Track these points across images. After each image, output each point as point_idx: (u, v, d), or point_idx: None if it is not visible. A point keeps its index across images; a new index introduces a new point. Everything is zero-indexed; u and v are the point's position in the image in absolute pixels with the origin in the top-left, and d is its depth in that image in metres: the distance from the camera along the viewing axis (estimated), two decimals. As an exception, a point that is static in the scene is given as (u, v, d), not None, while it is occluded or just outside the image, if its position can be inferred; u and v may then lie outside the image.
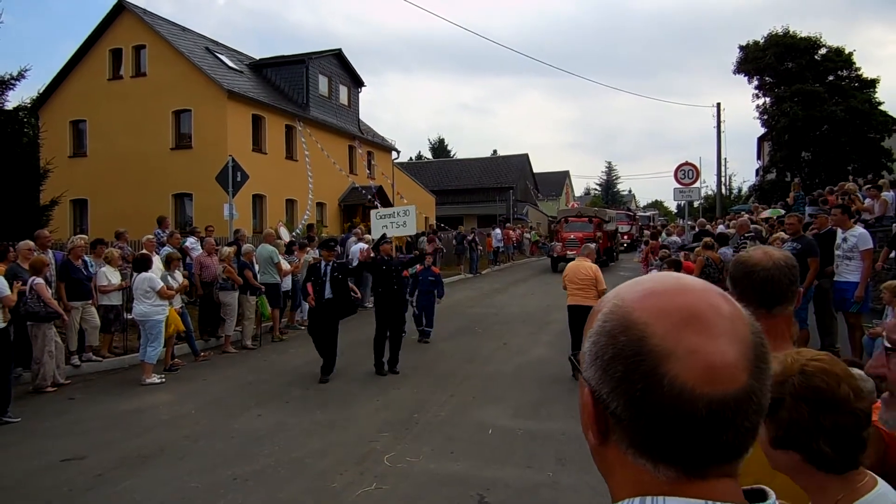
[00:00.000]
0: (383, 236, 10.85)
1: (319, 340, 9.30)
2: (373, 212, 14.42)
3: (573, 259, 23.94)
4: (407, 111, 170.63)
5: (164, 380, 9.22)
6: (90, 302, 9.89)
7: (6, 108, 15.71)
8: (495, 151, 65.65)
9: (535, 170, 55.60)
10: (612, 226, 30.77)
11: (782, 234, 9.81)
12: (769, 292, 1.86)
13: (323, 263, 9.60)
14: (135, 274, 9.64)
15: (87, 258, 10.25)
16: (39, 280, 8.47)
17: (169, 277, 10.00)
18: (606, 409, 0.73)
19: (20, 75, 15.58)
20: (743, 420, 0.70)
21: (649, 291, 0.77)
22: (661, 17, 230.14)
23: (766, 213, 13.96)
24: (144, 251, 10.38)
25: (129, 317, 10.30)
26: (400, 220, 13.31)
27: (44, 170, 16.26)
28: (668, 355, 0.69)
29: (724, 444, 0.70)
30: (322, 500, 5.14)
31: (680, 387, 0.68)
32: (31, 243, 9.27)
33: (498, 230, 30.11)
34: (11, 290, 7.79)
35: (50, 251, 10.22)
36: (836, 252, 8.11)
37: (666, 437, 0.70)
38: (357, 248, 15.79)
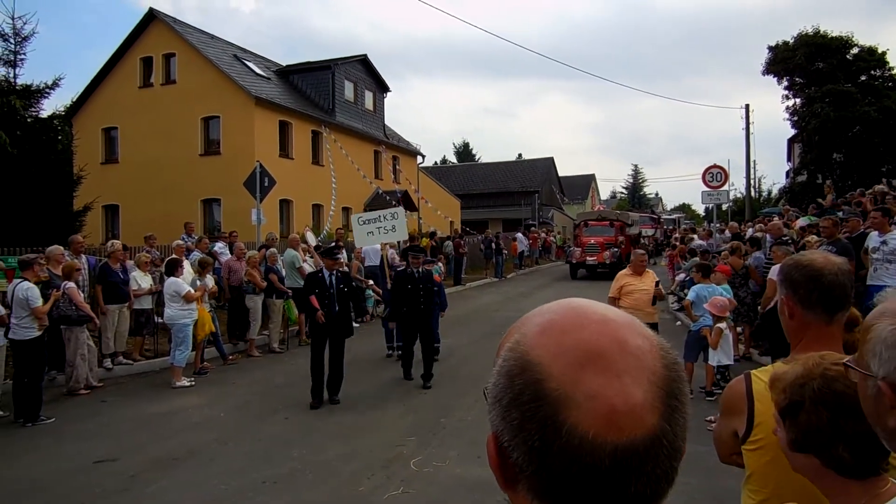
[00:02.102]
0: (414, 246, 9.91)
1: (320, 360, 8.23)
2: (353, 216, 12.62)
3: (593, 265, 23.60)
4: (430, 115, 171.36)
5: (193, 383, 9.34)
6: (126, 305, 10.09)
7: (41, 116, 16.10)
8: (520, 155, 65.54)
9: (561, 173, 55.36)
10: (635, 229, 29.38)
11: (813, 237, 9.64)
12: (836, 297, 1.80)
13: (327, 273, 8.59)
14: (165, 278, 9.80)
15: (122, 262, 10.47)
16: (71, 284, 8.65)
17: (199, 282, 10.15)
18: (509, 457, 0.67)
19: (54, 84, 15.95)
20: (654, 467, 0.63)
21: (548, 325, 0.70)
22: (682, 20, 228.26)
23: (801, 223, 13.66)
24: (174, 255, 10.54)
25: (160, 320, 10.47)
26: (388, 225, 11.79)
27: (77, 176, 16.60)
28: (567, 401, 0.62)
29: (634, 495, 0.63)
30: (349, 504, 5.16)
31: (580, 436, 0.61)
32: (61, 248, 9.46)
33: (519, 234, 29.92)
34: (49, 299, 7.99)
35: (83, 256, 10.43)
36: (874, 255, 7.95)
37: (570, 490, 0.63)
38: (372, 249, 15.63)
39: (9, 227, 13.03)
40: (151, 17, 24.06)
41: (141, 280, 10.37)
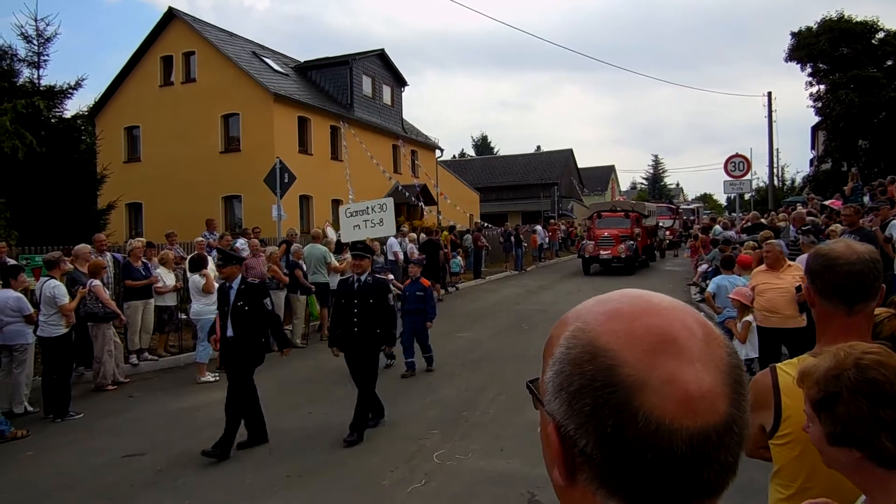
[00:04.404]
0: (358, 245, 7.81)
1: (229, 398, 6.38)
2: (341, 208, 11.76)
3: (607, 259, 22.87)
4: (447, 109, 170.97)
5: (217, 378, 9.43)
6: (151, 300, 10.24)
7: (64, 116, 16.33)
8: (539, 147, 65.27)
9: (580, 165, 55.01)
10: (652, 221, 27.25)
11: (837, 226, 9.49)
12: (852, 288, 1.74)
13: (226, 285, 6.71)
14: (189, 274, 9.92)
15: (145, 260, 10.63)
16: (97, 282, 8.79)
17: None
18: (574, 446, 0.65)
19: (77, 85, 16.17)
20: (726, 454, 0.63)
21: (614, 312, 0.69)
22: (699, 8, 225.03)
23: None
24: (201, 252, 10.66)
25: (184, 317, 10.61)
26: (375, 218, 11.01)
27: (100, 175, 16.84)
28: (642, 386, 0.62)
29: (705, 483, 0.63)
30: (373, 498, 5.20)
31: (657, 421, 0.61)
32: (88, 247, 9.62)
33: (538, 227, 29.76)
34: (75, 296, 8.13)
35: (108, 253, 10.59)
36: None
37: (641, 477, 0.62)
38: (392, 242, 15.81)
39: (35, 226, 13.27)
40: (171, 16, 24.26)
41: (166, 277, 10.50)
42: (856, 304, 1.75)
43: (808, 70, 31.01)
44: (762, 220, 15.42)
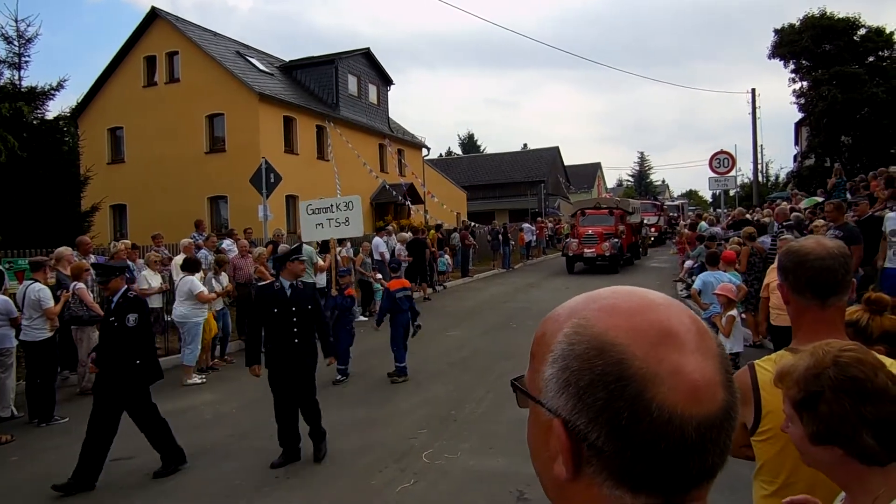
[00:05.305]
0: (295, 250, 6.80)
1: (96, 427, 5.62)
2: (302, 204, 10.69)
3: (591, 257, 22.78)
4: (433, 108, 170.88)
5: (205, 380, 9.40)
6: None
7: (46, 118, 16.19)
8: (525, 145, 65.39)
9: (567, 162, 55.19)
10: (636, 218, 26.85)
11: (820, 221, 9.57)
12: (822, 283, 1.79)
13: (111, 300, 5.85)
14: (181, 275, 9.81)
15: (129, 262, 10.53)
16: (81, 285, 8.69)
17: (213, 280, 10.17)
18: (584, 440, 0.67)
19: (59, 86, 16.09)
20: (725, 438, 0.68)
21: (613, 308, 0.71)
22: (685, 6, 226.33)
23: (803, 204, 13.63)
24: (190, 255, 10.58)
25: (169, 319, 10.51)
26: (340, 217, 10.08)
27: (84, 177, 16.71)
28: (653, 378, 0.65)
29: (710, 467, 0.67)
30: (363, 497, 5.20)
31: (669, 411, 0.64)
32: (70, 249, 9.50)
33: (526, 224, 29.81)
34: (59, 300, 8.04)
35: (92, 256, 10.48)
36: (894, 238, 7.84)
37: (654, 466, 0.65)
38: (378, 242, 15.86)
39: (18, 229, 13.13)
40: (154, 15, 24.07)
41: (151, 279, 10.41)
42: (828, 298, 1.80)
43: (792, 67, 31.35)
44: (747, 217, 15.54)
